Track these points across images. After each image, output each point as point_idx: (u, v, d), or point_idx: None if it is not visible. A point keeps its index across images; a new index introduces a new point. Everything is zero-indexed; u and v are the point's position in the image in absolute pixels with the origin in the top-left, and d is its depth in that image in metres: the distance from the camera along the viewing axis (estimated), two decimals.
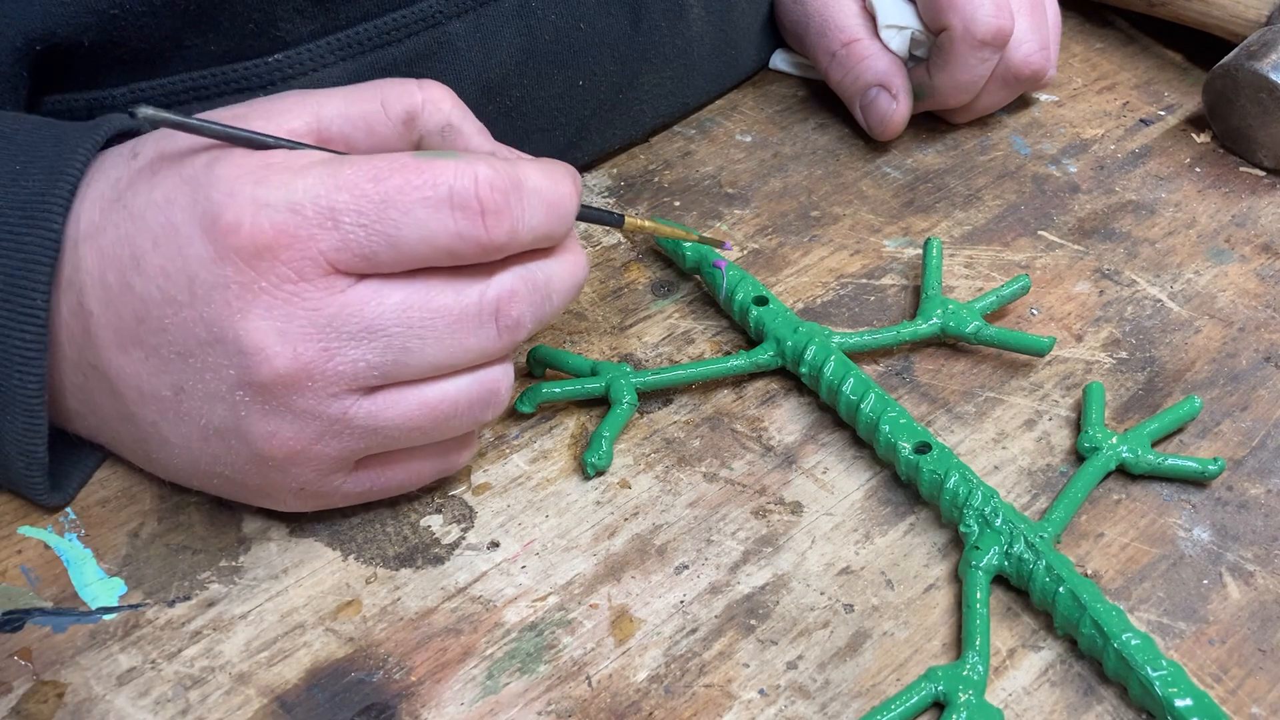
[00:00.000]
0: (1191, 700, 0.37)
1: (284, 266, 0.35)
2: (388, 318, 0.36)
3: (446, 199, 0.36)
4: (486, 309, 0.38)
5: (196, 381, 0.37)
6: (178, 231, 0.36)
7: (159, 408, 0.38)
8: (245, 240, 0.35)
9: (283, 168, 0.36)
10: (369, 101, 0.40)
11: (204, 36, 0.45)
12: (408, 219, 0.36)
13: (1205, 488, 0.46)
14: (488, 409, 0.40)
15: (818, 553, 0.43)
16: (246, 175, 0.36)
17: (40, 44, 0.42)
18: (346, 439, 0.38)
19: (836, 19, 0.61)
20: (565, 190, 0.39)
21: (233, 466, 0.39)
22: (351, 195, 0.35)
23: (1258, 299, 0.54)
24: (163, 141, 0.38)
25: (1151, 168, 0.62)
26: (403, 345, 0.37)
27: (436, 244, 0.36)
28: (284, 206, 0.35)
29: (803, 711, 0.39)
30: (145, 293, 0.36)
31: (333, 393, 0.37)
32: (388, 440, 0.39)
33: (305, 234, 0.35)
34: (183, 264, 0.36)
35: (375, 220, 0.35)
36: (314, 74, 0.47)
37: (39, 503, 0.42)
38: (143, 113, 0.34)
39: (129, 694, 0.38)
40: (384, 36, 0.48)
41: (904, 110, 0.60)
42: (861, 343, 0.50)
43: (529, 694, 0.39)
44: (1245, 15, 0.65)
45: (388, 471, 0.41)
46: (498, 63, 0.52)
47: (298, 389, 0.36)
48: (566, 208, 0.39)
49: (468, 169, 0.36)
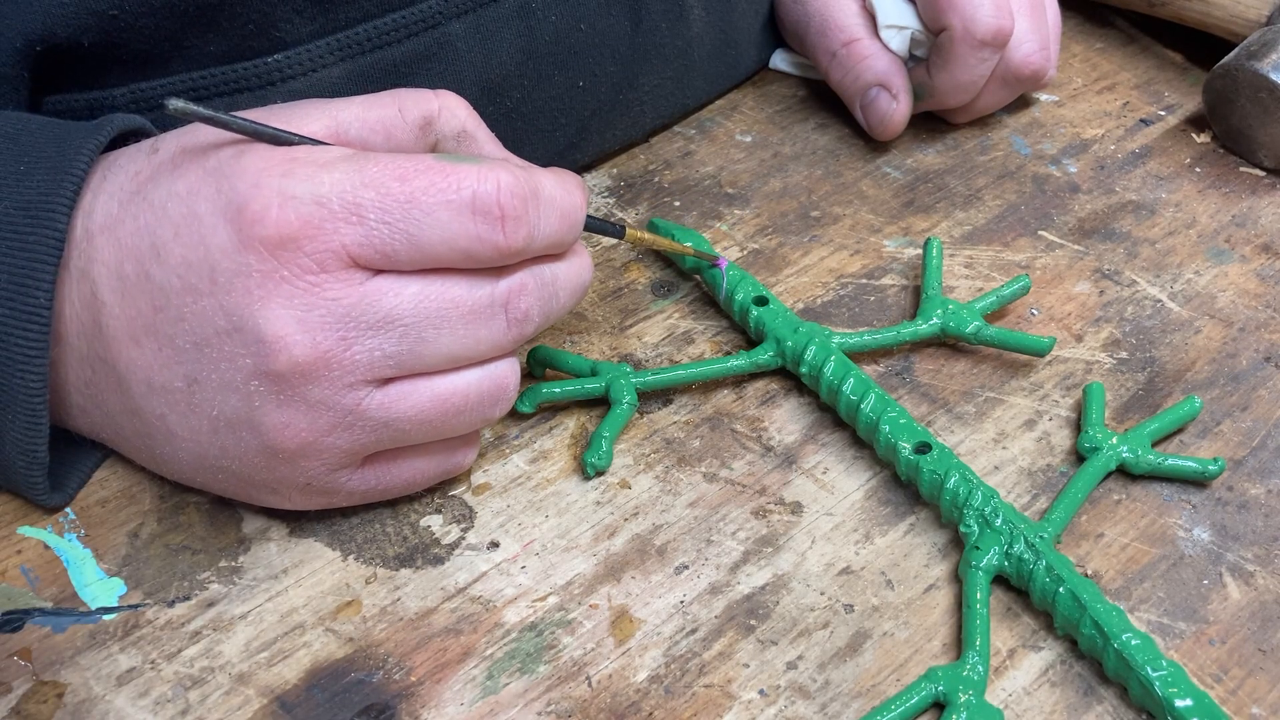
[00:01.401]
0: (1191, 700, 0.37)
1: (306, 257, 0.36)
2: (404, 309, 0.37)
3: (469, 203, 0.37)
4: (498, 300, 0.39)
5: (211, 371, 0.37)
6: (201, 221, 0.36)
7: (169, 400, 0.38)
8: (270, 230, 0.35)
9: (308, 161, 0.37)
10: (386, 107, 0.41)
11: (203, 37, 0.45)
12: (430, 219, 0.36)
13: (1205, 488, 0.46)
14: (496, 405, 0.41)
15: (818, 553, 0.43)
16: (273, 168, 0.36)
17: (41, 45, 0.42)
18: (358, 431, 0.38)
19: (837, 18, 0.61)
20: (577, 200, 0.40)
21: (241, 460, 0.39)
22: (377, 192, 0.36)
23: (1258, 299, 0.54)
24: (184, 137, 0.39)
25: (1151, 168, 0.62)
26: (418, 335, 0.37)
27: (456, 245, 0.37)
28: (310, 199, 0.36)
29: (803, 711, 0.39)
30: (165, 282, 0.37)
31: (348, 383, 0.37)
32: (398, 434, 0.39)
33: (330, 227, 0.36)
34: (205, 253, 0.36)
35: (399, 218, 0.36)
36: (313, 74, 0.47)
37: (39, 503, 0.42)
38: (174, 105, 0.36)
39: (129, 694, 0.38)
40: (384, 37, 0.48)
41: (904, 110, 0.60)
42: (861, 343, 0.50)
43: (529, 694, 0.39)
44: (1245, 15, 0.65)
45: (393, 470, 0.41)
46: (498, 63, 0.52)
47: (314, 378, 0.37)
48: (577, 217, 0.40)
49: (491, 175, 0.37)
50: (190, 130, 0.39)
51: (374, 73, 0.48)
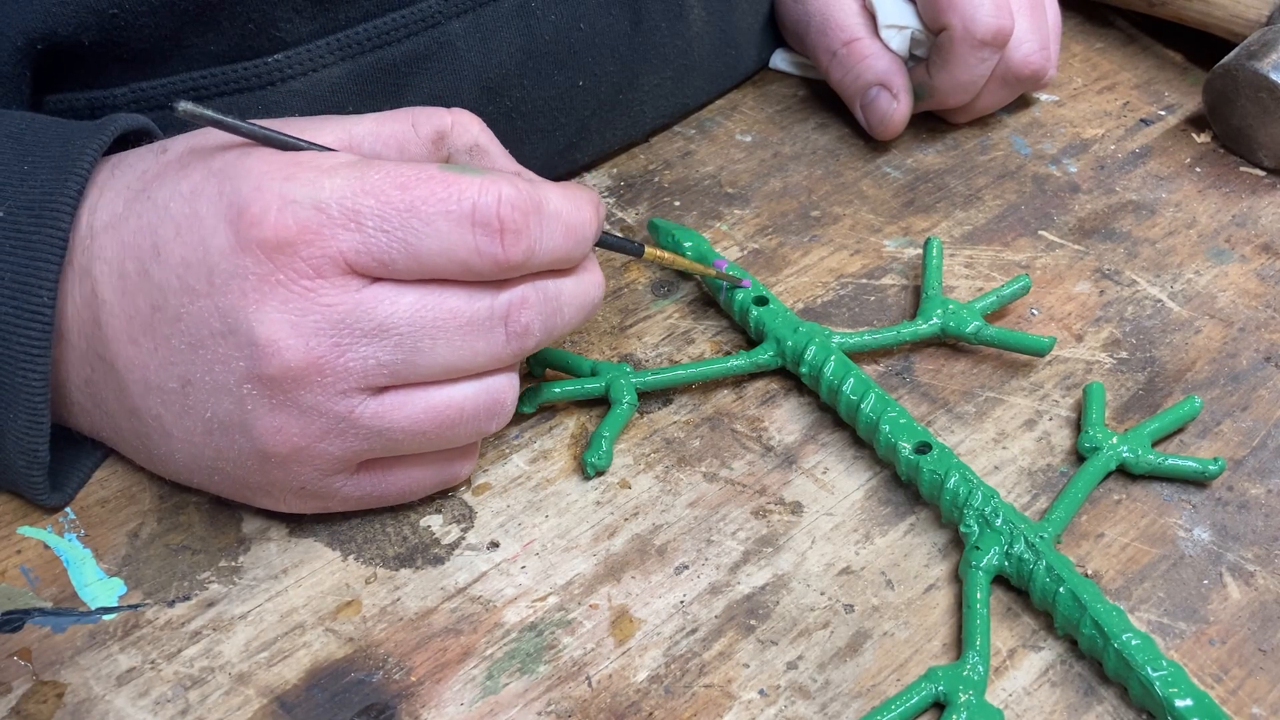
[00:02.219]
0: (1192, 700, 0.37)
1: (303, 262, 0.36)
2: (400, 317, 0.37)
3: (469, 214, 0.36)
4: (498, 312, 0.38)
5: (205, 373, 0.37)
6: (202, 222, 0.36)
7: (164, 400, 0.38)
8: (269, 233, 0.35)
9: (311, 166, 0.37)
10: (400, 122, 0.41)
11: (203, 36, 0.45)
12: (429, 229, 0.36)
13: (1205, 488, 0.46)
14: (493, 419, 0.41)
15: (818, 553, 0.43)
16: (275, 171, 0.36)
17: (41, 43, 0.42)
18: (350, 439, 0.38)
19: (837, 18, 0.61)
20: (586, 216, 0.40)
21: (234, 463, 0.39)
22: (377, 200, 0.36)
23: (1258, 299, 0.54)
24: (194, 139, 0.39)
25: (1152, 168, 0.62)
26: (414, 345, 0.37)
27: (454, 257, 0.37)
28: (309, 204, 0.36)
29: (803, 712, 0.39)
30: (163, 281, 0.37)
31: (341, 390, 0.37)
32: (391, 444, 0.39)
33: (328, 233, 0.36)
34: (204, 254, 0.36)
35: (397, 227, 0.36)
36: (313, 74, 0.47)
37: (38, 503, 0.42)
38: (183, 107, 0.36)
39: (128, 694, 0.38)
40: (383, 36, 0.48)
41: (904, 110, 0.60)
42: (861, 343, 0.50)
43: (529, 694, 0.39)
44: (1245, 15, 0.65)
45: (389, 477, 0.41)
46: (497, 63, 0.52)
47: (306, 384, 0.37)
48: (585, 233, 0.40)
49: (492, 187, 0.37)
50: (201, 133, 0.39)
51: (374, 72, 0.48)
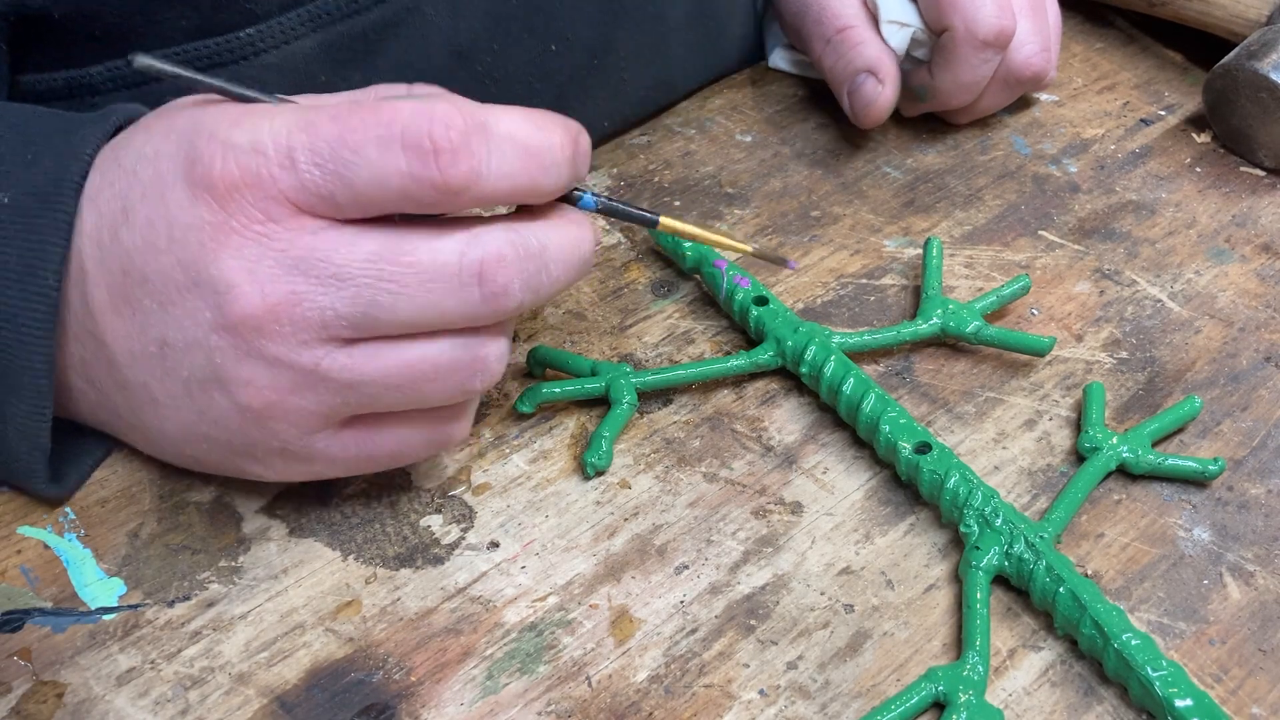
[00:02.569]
0: (1192, 700, 0.37)
1: (251, 207, 0.35)
2: (357, 266, 0.36)
3: (398, 137, 0.35)
4: (468, 270, 0.36)
5: (177, 332, 0.37)
6: (163, 179, 0.36)
7: (148, 367, 0.38)
8: (216, 180, 0.35)
9: (260, 113, 0.36)
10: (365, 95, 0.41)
11: (174, 9, 0.45)
12: (358, 158, 0.35)
13: (1205, 488, 0.46)
14: (474, 377, 0.39)
15: (818, 553, 0.43)
16: (225, 120, 0.36)
17: (12, 14, 0.43)
18: (322, 392, 0.37)
19: (834, 6, 0.60)
20: (552, 140, 0.37)
21: (218, 424, 0.39)
22: (308, 135, 0.35)
23: (1258, 299, 0.54)
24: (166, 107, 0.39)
25: (1152, 168, 0.62)
26: (371, 298, 0.36)
27: (388, 185, 0.35)
28: (248, 147, 0.35)
29: (803, 712, 0.39)
30: (131, 244, 0.37)
31: (302, 340, 0.36)
32: (366, 398, 0.38)
33: (267, 174, 0.35)
34: (164, 210, 0.36)
35: (328, 159, 0.35)
36: (285, 47, 0.47)
37: (37, 493, 0.42)
38: (140, 61, 0.36)
39: (128, 694, 0.38)
40: (352, 5, 0.48)
41: (889, 96, 0.59)
42: (861, 343, 0.50)
43: (529, 694, 0.39)
44: (1245, 15, 0.65)
45: (375, 437, 0.40)
46: (467, 27, 0.51)
47: (266, 333, 0.36)
48: (551, 157, 0.37)
49: (424, 108, 0.35)
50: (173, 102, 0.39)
51: (345, 41, 0.48)
